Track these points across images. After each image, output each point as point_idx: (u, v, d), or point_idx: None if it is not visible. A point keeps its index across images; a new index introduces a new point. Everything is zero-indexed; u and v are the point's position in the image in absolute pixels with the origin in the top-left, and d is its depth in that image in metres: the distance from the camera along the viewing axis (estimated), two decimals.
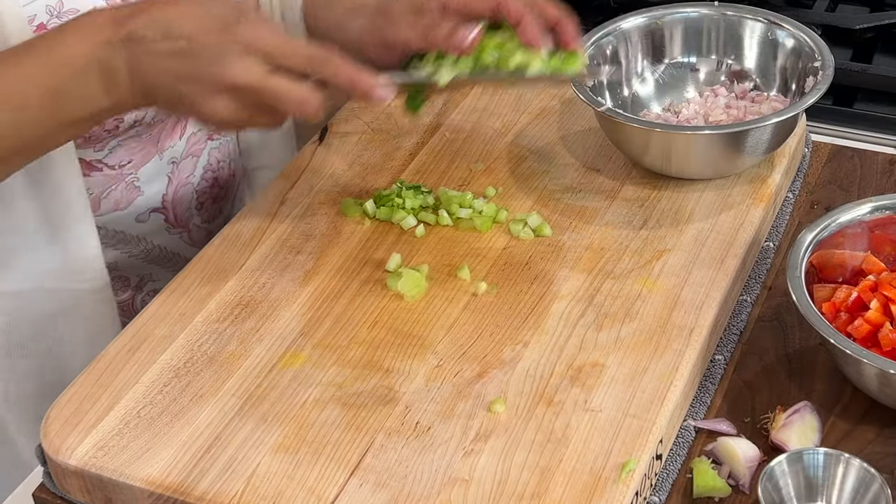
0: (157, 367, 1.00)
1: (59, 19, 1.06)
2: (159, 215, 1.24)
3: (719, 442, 0.95)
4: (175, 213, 1.25)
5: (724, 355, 1.04)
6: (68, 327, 1.18)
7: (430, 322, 1.02)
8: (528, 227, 1.11)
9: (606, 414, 0.93)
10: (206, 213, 1.29)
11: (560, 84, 1.24)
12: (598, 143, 1.22)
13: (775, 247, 1.15)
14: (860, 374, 0.96)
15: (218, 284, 1.08)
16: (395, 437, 0.92)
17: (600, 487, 0.87)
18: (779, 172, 1.16)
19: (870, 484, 0.89)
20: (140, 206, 1.22)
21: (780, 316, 1.08)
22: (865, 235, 1.05)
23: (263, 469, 0.91)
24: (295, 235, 1.13)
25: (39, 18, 1.06)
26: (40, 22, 1.06)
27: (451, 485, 0.88)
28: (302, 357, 1.00)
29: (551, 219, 1.12)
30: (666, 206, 1.13)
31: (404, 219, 1.12)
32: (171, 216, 1.25)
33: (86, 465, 0.92)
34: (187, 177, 1.25)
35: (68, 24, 0.98)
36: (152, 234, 1.25)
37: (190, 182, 1.25)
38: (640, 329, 1.00)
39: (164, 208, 1.24)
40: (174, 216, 1.26)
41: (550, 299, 1.04)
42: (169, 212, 1.25)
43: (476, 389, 0.96)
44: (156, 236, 1.25)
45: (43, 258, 1.15)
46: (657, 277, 1.05)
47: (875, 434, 0.97)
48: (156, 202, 1.23)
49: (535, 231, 1.11)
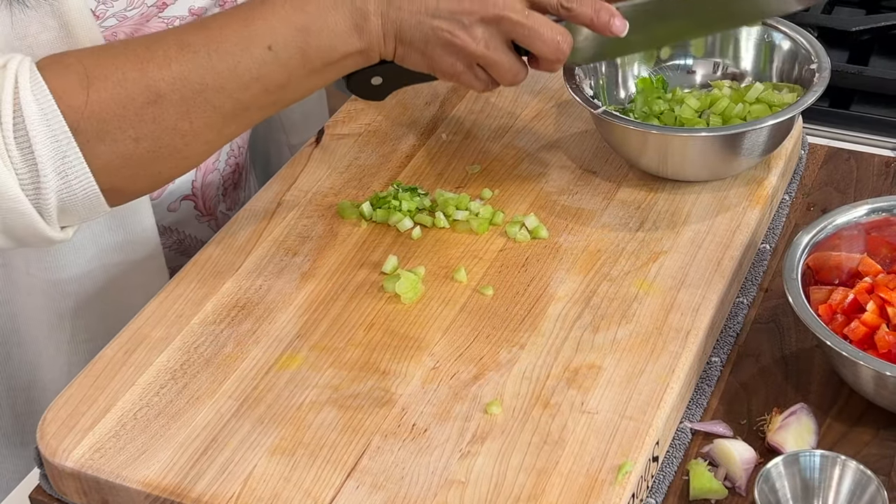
0: (154, 370, 1.00)
1: (105, 6, 1.08)
2: (189, 203, 1.26)
3: (716, 444, 0.95)
4: (204, 200, 1.27)
5: (721, 357, 1.04)
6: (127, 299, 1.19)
7: (427, 324, 1.02)
8: (525, 228, 1.11)
9: (603, 416, 0.93)
10: (229, 199, 1.31)
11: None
12: (594, 146, 1.22)
13: (772, 249, 1.15)
14: (856, 377, 0.96)
15: (214, 286, 1.08)
16: (392, 439, 0.92)
17: (597, 489, 0.87)
18: (775, 174, 1.17)
19: (866, 486, 0.89)
20: (172, 193, 1.23)
21: (776, 318, 1.08)
22: (862, 237, 1.05)
23: (260, 471, 0.91)
24: (291, 237, 1.13)
25: (90, 4, 1.06)
26: (90, 7, 1.06)
27: (447, 487, 0.88)
28: (298, 359, 1.00)
29: (548, 221, 1.12)
30: (662, 208, 1.13)
31: (400, 221, 1.12)
32: (200, 203, 1.27)
33: (82, 466, 0.92)
34: (213, 162, 1.26)
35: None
36: (183, 223, 1.26)
37: (216, 168, 1.27)
38: (636, 331, 1.00)
39: (193, 195, 1.26)
40: (203, 203, 1.27)
41: (547, 301, 1.04)
42: (198, 199, 1.26)
43: (472, 391, 0.96)
44: (187, 226, 1.27)
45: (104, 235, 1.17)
46: (654, 279, 1.05)
47: (871, 436, 0.97)
48: (186, 189, 1.24)
49: (531, 233, 1.11)
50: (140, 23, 1.11)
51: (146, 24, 1.12)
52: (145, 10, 1.12)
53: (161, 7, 1.13)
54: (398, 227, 1.12)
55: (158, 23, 1.13)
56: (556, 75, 1.33)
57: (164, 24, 1.13)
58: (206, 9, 1.17)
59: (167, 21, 1.13)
